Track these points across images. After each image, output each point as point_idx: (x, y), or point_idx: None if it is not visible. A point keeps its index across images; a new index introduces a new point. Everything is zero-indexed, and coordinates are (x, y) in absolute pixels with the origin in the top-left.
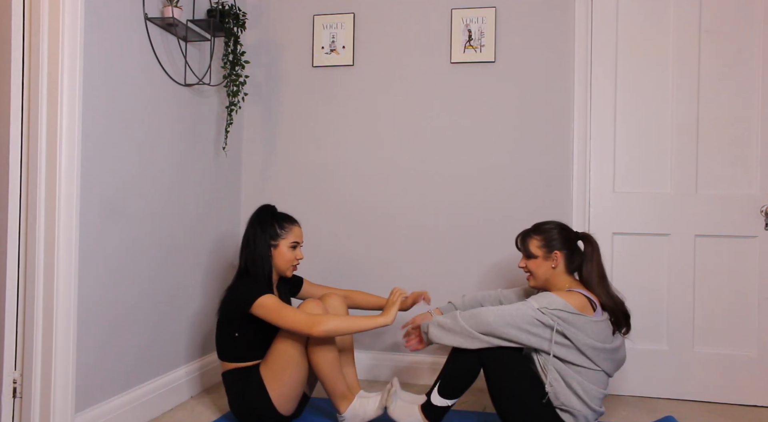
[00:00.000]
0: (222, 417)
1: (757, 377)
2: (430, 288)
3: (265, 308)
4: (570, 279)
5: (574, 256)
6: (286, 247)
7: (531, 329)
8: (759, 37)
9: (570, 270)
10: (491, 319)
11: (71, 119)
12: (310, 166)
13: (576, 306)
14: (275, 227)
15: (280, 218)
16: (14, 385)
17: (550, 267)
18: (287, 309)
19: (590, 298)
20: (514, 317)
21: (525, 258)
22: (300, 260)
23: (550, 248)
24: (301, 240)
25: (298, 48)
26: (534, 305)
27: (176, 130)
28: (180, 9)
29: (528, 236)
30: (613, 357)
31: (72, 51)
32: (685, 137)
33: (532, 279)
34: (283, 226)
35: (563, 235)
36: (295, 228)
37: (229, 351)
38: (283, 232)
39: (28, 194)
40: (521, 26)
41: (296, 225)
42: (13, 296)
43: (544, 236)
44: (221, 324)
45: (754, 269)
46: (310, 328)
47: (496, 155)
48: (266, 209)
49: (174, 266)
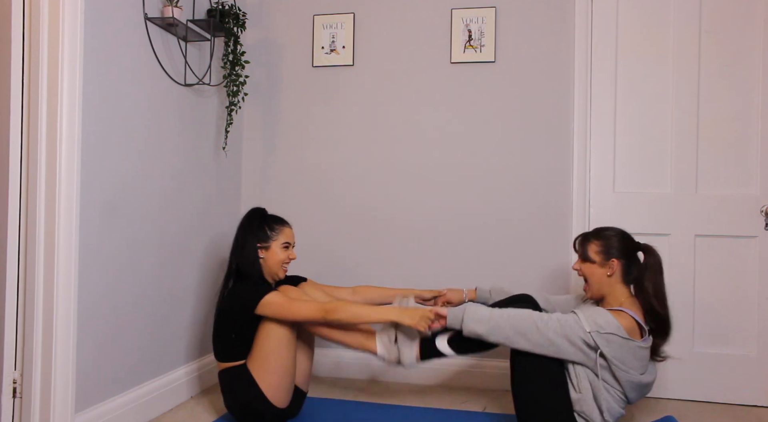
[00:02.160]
0: (221, 417)
1: (757, 377)
2: (429, 287)
3: (273, 305)
4: (625, 292)
5: (631, 267)
6: (278, 248)
7: (578, 344)
8: (759, 37)
9: (626, 281)
10: (539, 326)
11: (71, 119)
12: (310, 166)
13: (626, 329)
14: (265, 229)
15: (270, 220)
16: (14, 385)
17: (605, 275)
18: (297, 303)
19: (639, 321)
20: (564, 328)
21: (581, 261)
22: (292, 259)
23: (608, 255)
24: (293, 241)
25: (298, 48)
26: (585, 326)
27: (176, 130)
28: (180, 9)
29: (588, 239)
30: (642, 391)
31: (72, 51)
32: (685, 137)
33: (588, 288)
34: (273, 228)
35: (624, 243)
36: (285, 229)
37: (225, 352)
38: (274, 234)
39: (28, 194)
40: (521, 26)
41: (287, 226)
42: (13, 296)
43: (604, 242)
44: (220, 327)
45: (754, 269)
46: (324, 316)
47: (496, 155)
48: (256, 212)
49: (174, 266)
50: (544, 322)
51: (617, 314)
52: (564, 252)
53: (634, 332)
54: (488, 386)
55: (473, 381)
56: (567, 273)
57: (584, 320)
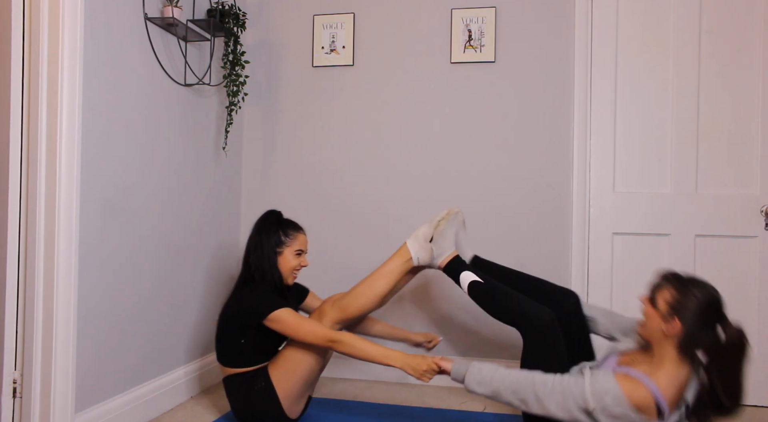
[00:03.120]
0: (221, 417)
1: (757, 377)
2: (429, 285)
3: (282, 323)
4: (673, 355)
5: (696, 341)
6: (290, 254)
7: (580, 418)
8: (759, 37)
9: (681, 350)
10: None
11: (71, 119)
12: (310, 166)
13: (637, 404)
14: (280, 234)
15: (285, 225)
16: (14, 385)
17: (660, 329)
18: (305, 325)
19: (660, 401)
20: (567, 400)
21: (648, 298)
22: (303, 267)
23: (675, 312)
24: (306, 248)
25: (298, 48)
26: (590, 401)
27: (176, 130)
28: (180, 9)
29: (667, 281)
30: None
31: (72, 51)
32: (685, 137)
33: (642, 326)
34: (288, 233)
35: (701, 312)
36: (300, 235)
37: (232, 357)
38: (288, 239)
39: (28, 194)
40: (521, 26)
41: (301, 232)
42: (13, 296)
43: (679, 296)
44: (225, 330)
45: (754, 269)
46: (330, 346)
47: (496, 155)
48: (272, 215)
49: (173, 266)
50: (546, 392)
51: (635, 386)
52: (564, 252)
53: (649, 410)
54: None
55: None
56: (567, 273)
57: (590, 394)
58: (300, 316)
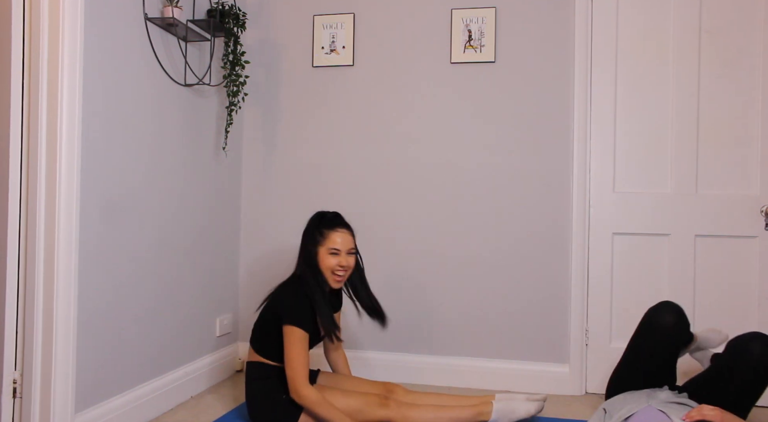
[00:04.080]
0: (222, 417)
1: None
2: (427, 284)
3: (288, 337)
4: None
5: None
6: (325, 254)
7: None
8: (759, 38)
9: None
10: None
11: (71, 119)
12: (310, 166)
13: None
14: (316, 234)
15: (323, 223)
16: (14, 385)
17: None
18: (297, 357)
19: None
20: None
21: None
22: (343, 267)
23: None
24: (345, 247)
25: (298, 48)
26: None
27: (176, 130)
28: (180, 9)
29: None
30: None
31: (72, 51)
32: (685, 137)
33: None
34: (322, 232)
35: None
36: (332, 234)
37: (262, 345)
38: (321, 239)
39: (28, 194)
40: (521, 26)
41: (335, 230)
42: (13, 296)
43: None
44: (265, 317)
45: (754, 269)
46: (295, 393)
47: (495, 155)
48: (316, 214)
49: (173, 266)
50: None
51: None
52: (564, 252)
53: None
54: (488, 386)
55: (474, 381)
56: (567, 273)
57: None
58: (303, 348)
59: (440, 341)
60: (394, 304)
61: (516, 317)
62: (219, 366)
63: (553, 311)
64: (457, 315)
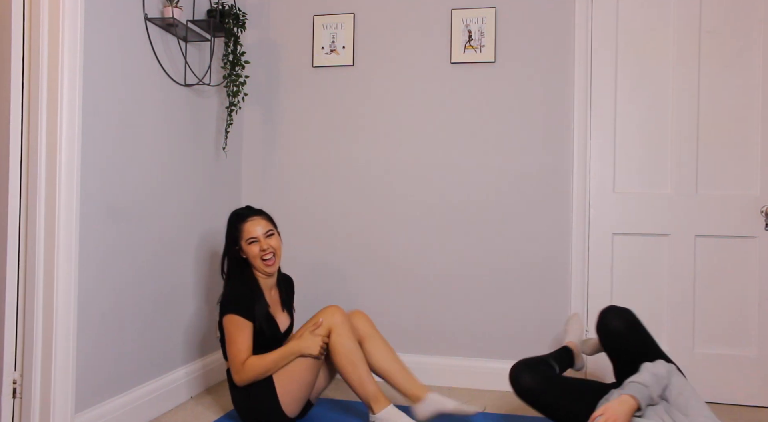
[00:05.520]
0: (222, 417)
1: (757, 377)
2: (427, 283)
3: (226, 327)
4: None
5: None
6: (246, 246)
7: None
8: (759, 38)
9: None
10: None
11: (71, 119)
12: (309, 166)
13: None
14: (233, 231)
15: (235, 219)
16: (14, 385)
17: None
18: (236, 343)
19: None
20: None
21: None
22: (265, 250)
23: None
24: (260, 232)
25: (298, 48)
26: None
27: (176, 130)
28: (180, 9)
29: None
30: None
31: (72, 51)
32: (685, 137)
33: None
34: (237, 228)
35: None
36: (245, 225)
37: (224, 350)
38: (238, 234)
39: (28, 194)
40: (521, 26)
41: (247, 221)
42: (13, 296)
43: None
44: (219, 324)
45: (754, 270)
46: (235, 373)
47: (495, 155)
48: (231, 214)
49: (173, 267)
50: None
51: None
52: (564, 252)
53: None
54: (488, 386)
55: (473, 381)
56: (567, 273)
57: None
58: (243, 332)
59: (440, 341)
60: (395, 304)
61: (516, 317)
62: (218, 366)
63: (553, 311)
64: (456, 315)
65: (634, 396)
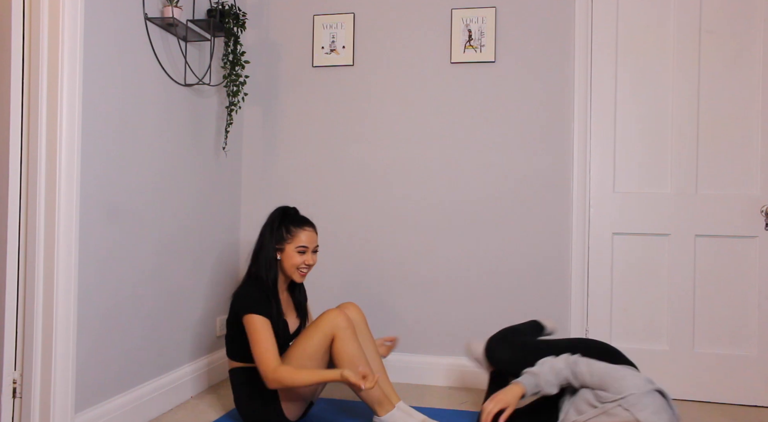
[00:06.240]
0: (222, 417)
1: (757, 377)
2: (427, 283)
3: (248, 327)
4: None
5: None
6: (292, 251)
7: None
8: (759, 37)
9: None
10: None
11: (71, 119)
12: (310, 166)
13: None
14: (282, 230)
15: (289, 221)
16: (14, 385)
17: None
18: (263, 342)
19: None
20: None
21: None
22: (309, 265)
23: None
24: (312, 245)
25: (298, 48)
26: None
27: (176, 130)
28: (180, 9)
29: None
30: None
31: (72, 51)
32: (685, 137)
33: None
34: (290, 229)
35: None
36: (302, 232)
37: (235, 350)
38: (289, 236)
39: (28, 194)
40: (521, 26)
41: (305, 229)
42: (13, 296)
43: None
44: (229, 322)
45: (754, 270)
46: (265, 376)
47: (495, 155)
48: (277, 211)
49: (173, 266)
50: None
51: None
52: (564, 252)
53: None
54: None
55: (473, 381)
56: (567, 273)
57: None
58: (268, 331)
59: (439, 341)
60: (395, 303)
61: (516, 316)
62: (219, 366)
63: (553, 310)
64: (455, 315)
65: (520, 383)
